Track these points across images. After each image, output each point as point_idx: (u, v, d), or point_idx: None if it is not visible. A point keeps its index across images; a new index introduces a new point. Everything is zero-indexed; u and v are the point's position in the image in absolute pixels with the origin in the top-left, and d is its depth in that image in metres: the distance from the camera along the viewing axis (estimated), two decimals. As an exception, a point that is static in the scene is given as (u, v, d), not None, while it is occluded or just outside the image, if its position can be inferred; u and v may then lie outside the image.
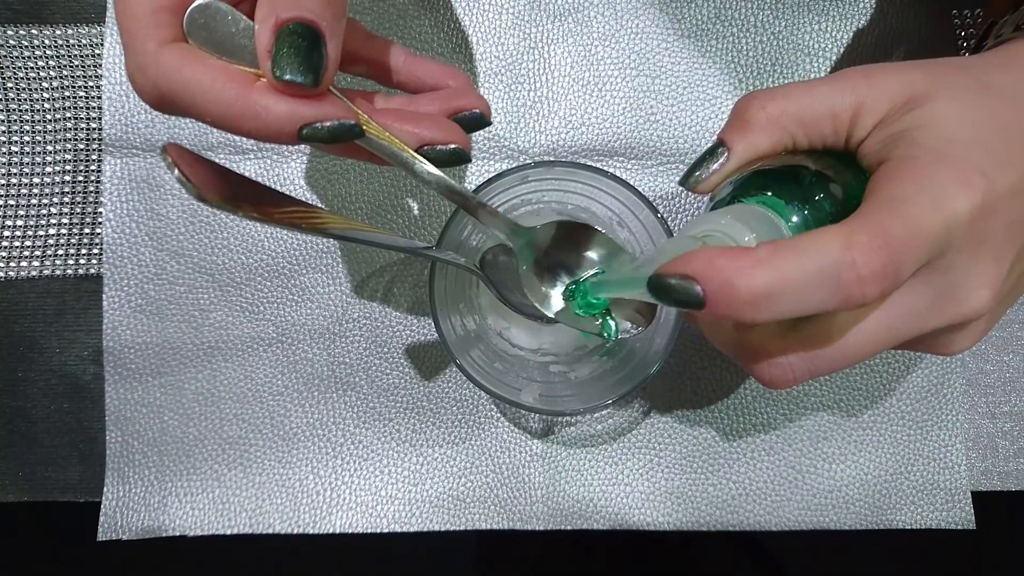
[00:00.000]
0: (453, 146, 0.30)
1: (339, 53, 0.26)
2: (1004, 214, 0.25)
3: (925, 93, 0.26)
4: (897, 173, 0.25)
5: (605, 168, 0.40)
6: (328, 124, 0.26)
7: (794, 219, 0.27)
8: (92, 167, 0.43)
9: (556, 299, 0.35)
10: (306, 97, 0.25)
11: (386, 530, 0.42)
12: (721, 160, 0.28)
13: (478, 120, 0.32)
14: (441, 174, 0.30)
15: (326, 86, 0.26)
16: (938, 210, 0.23)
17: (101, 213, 0.43)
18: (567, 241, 0.35)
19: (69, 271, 0.43)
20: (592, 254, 0.35)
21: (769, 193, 0.28)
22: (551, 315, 0.35)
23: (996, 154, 0.25)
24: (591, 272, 0.35)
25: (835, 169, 0.28)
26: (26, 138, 0.43)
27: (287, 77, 0.24)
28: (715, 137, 0.29)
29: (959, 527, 0.42)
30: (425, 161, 0.29)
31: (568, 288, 0.35)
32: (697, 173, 0.29)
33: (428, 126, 0.30)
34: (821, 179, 0.28)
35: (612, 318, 0.35)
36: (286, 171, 0.43)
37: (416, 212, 0.43)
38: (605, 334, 0.35)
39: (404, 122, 0.30)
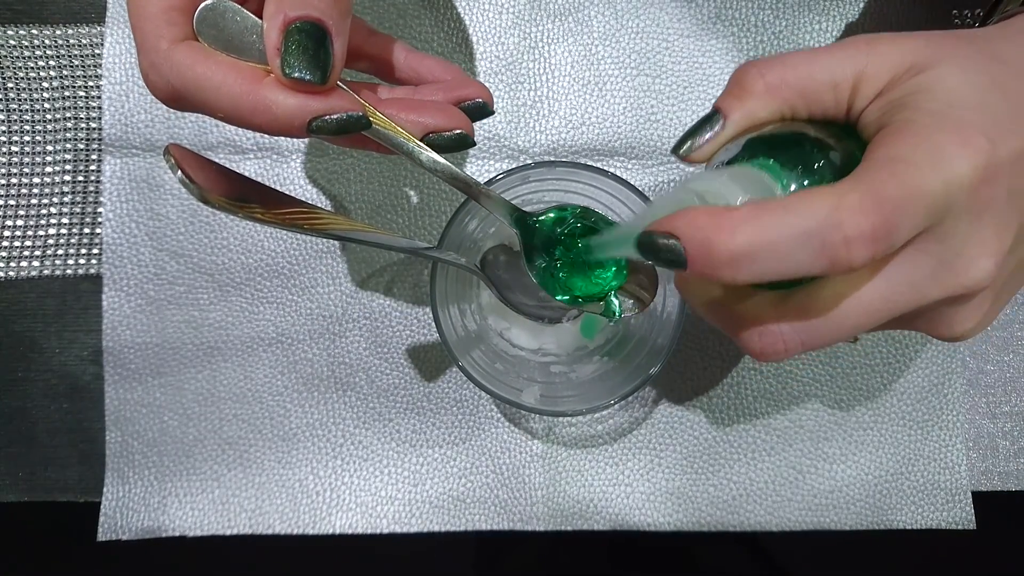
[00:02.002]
0: (457, 131, 0.31)
1: (345, 50, 0.27)
2: (1007, 181, 0.24)
3: (927, 60, 0.25)
4: (895, 136, 0.24)
5: (606, 168, 0.40)
6: (336, 116, 0.26)
7: (792, 186, 0.26)
8: (92, 167, 0.43)
9: (558, 282, 0.35)
10: (314, 92, 0.26)
11: (386, 531, 0.42)
12: (716, 128, 0.27)
13: (481, 109, 0.33)
14: (445, 161, 0.30)
15: (334, 82, 0.26)
16: (937, 171, 0.22)
17: (101, 213, 0.43)
18: (568, 223, 0.35)
19: (69, 271, 0.43)
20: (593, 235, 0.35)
21: (769, 159, 0.27)
22: (554, 297, 0.34)
23: (1000, 120, 0.24)
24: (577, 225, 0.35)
25: (835, 137, 0.27)
26: (26, 138, 0.43)
27: (296, 75, 0.25)
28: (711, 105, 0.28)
29: (959, 527, 0.42)
30: (429, 149, 0.30)
31: (564, 256, 0.35)
32: (691, 141, 0.28)
33: (432, 114, 0.30)
34: (821, 146, 0.27)
35: (615, 296, 0.35)
36: (286, 171, 0.43)
37: (416, 212, 0.43)
38: (608, 313, 0.35)
39: (409, 111, 0.30)
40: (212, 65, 0.26)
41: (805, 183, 0.26)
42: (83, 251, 0.43)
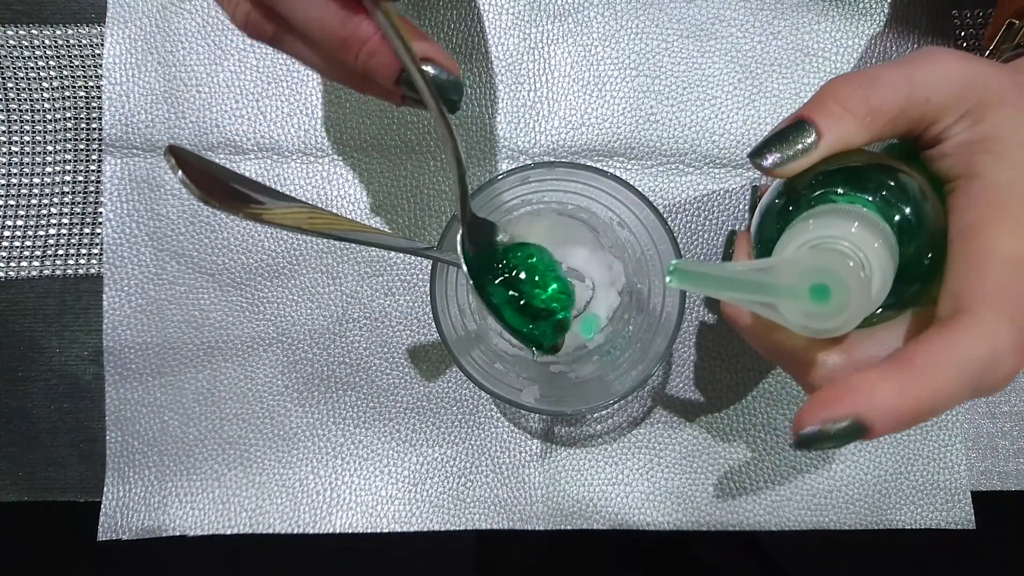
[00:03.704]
0: (451, 76, 0.28)
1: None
2: None
3: (1002, 97, 0.25)
4: (994, 223, 0.24)
5: (605, 168, 0.40)
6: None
7: (891, 219, 0.25)
8: (92, 167, 0.43)
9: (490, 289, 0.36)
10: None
11: (386, 530, 0.42)
12: (809, 142, 0.25)
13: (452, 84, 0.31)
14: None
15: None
16: None
17: (101, 213, 0.43)
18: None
19: (69, 271, 0.43)
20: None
21: (867, 196, 0.26)
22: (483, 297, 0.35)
23: None
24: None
25: (907, 164, 0.27)
26: (26, 138, 0.43)
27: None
28: (796, 114, 0.26)
29: (959, 527, 0.42)
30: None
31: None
32: (780, 153, 0.25)
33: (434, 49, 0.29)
34: (889, 172, 0.26)
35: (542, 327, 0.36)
36: (286, 171, 0.43)
37: (416, 212, 0.43)
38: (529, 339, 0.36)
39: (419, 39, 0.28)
40: None
41: (896, 217, 0.26)
42: (83, 251, 0.43)
